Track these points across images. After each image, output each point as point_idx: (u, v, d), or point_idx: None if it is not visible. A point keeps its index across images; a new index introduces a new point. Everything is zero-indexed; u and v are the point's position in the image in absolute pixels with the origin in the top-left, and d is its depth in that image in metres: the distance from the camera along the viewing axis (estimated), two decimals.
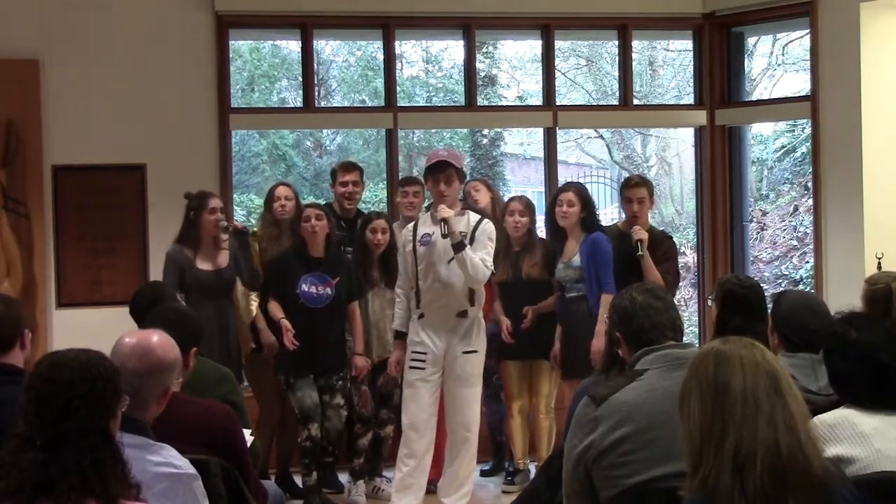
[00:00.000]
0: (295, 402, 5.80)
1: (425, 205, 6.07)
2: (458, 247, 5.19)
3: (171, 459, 2.71)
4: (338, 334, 5.79)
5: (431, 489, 5.65)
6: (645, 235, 5.90)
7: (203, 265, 5.72)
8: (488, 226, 5.39)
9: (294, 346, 5.70)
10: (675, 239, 6.66)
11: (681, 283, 6.38)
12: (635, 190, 6.12)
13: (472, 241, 5.30)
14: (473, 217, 5.42)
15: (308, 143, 14.75)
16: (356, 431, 6.06)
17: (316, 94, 8.03)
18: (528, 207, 6.21)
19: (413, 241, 5.41)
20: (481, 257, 5.25)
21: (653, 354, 2.88)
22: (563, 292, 6.01)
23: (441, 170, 5.36)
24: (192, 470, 2.74)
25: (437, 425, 5.53)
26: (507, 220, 6.17)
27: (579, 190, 6.16)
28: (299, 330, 5.74)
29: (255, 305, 6.03)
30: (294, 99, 13.61)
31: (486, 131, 14.44)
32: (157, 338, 2.95)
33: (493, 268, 5.37)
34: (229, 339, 5.76)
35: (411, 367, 5.38)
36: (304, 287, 5.79)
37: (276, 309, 5.83)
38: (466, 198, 6.52)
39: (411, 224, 5.55)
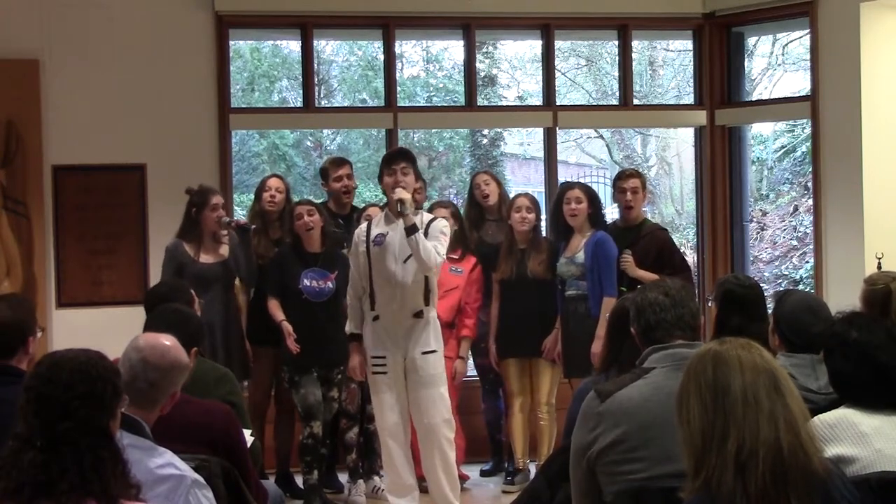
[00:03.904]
0: (298, 399, 5.81)
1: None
2: (412, 229, 5.13)
3: (174, 461, 2.71)
4: (339, 328, 5.80)
5: (423, 487, 5.65)
6: (629, 263, 5.93)
7: (206, 258, 5.76)
8: (441, 222, 5.35)
9: (296, 349, 5.74)
10: (675, 239, 6.68)
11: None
12: (628, 180, 6.20)
13: (424, 235, 5.26)
14: (426, 216, 5.40)
15: (308, 143, 14.75)
16: (342, 426, 6.08)
17: (316, 94, 8.03)
18: (535, 204, 6.20)
19: (367, 241, 5.34)
20: (433, 245, 5.23)
21: (660, 353, 2.87)
22: (562, 289, 6.01)
23: (398, 160, 5.34)
24: (198, 477, 2.74)
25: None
26: (514, 216, 6.15)
27: (584, 187, 6.26)
28: (302, 325, 5.77)
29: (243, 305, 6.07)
30: (294, 99, 13.61)
31: (486, 131, 14.45)
32: (171, 342, 3.00)
33: (444, 255, 5.32)
34: (235, 329, 5.85)
35: (374, 374, 5.36)
36: (306, 282, 5.81)
37: (276, 309, 5.85)
38: (475, 190, 6.52)
39: (364, 225, 5.48)
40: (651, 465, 2.68)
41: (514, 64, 15.18)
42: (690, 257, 8.16)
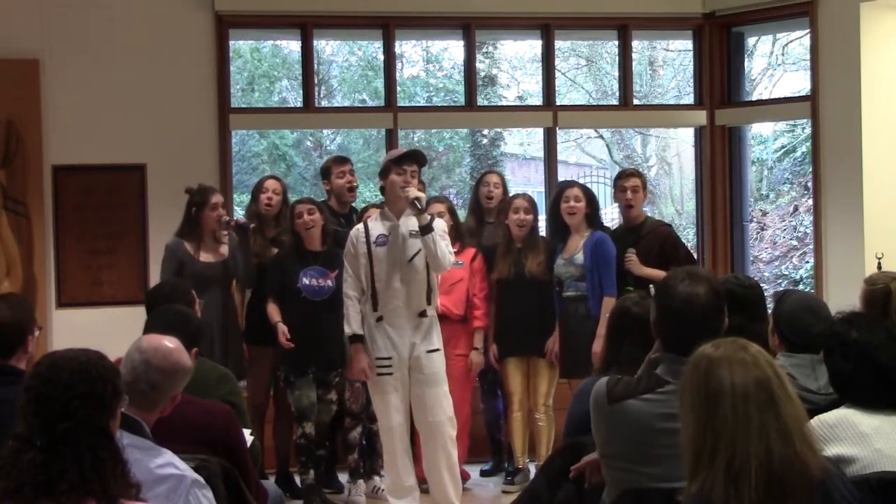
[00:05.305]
0: (292, 399, 5.82)
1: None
2: (427, 228, 5.14)
3: (174, 461, 2.72)
4: (339, 327, 5.80)
5: (423, 488, 5.65)
6: (633, 262, 5.95)
7: (206, 257, 5.77)
8: (440, 223, 5.36)
9: (290, 346, 5.73)
10: None
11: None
12: (629, 179, 6.21)
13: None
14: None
15: (308, 143, 14.76)
16: (346, 426, 6.08)
17: (316, 94, 8.03)
18: (532, 205, 6.19)
19: (367, 242, 5.34)
20: (445, 244, 5.24)
21: (677, 367, 2.72)
22: (560, 290, 6.01)
23: (411, 162, 5.32)
24: (197, 477, 2.74)
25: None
26: (512, 217, 6.14)
27: (583, 187, 6.27)
28: (301, 324, 5.75)
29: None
30: (294, 99, 13.62)
31: (486, 131, 14.46)
32: (175, 345, 3.00)
33: (454, 255, 5.35)
34: (233, 330, 5.85)
35: (379, 375, 5.35)
36: (305, 280, 5.80)
37: (273, 312, 5.83)
38: (482, 186, 6.50)
39: (360, 225, 5.47)
40: (653, 480, 2.66)
41: (514, 64, 15.19)
42: None
